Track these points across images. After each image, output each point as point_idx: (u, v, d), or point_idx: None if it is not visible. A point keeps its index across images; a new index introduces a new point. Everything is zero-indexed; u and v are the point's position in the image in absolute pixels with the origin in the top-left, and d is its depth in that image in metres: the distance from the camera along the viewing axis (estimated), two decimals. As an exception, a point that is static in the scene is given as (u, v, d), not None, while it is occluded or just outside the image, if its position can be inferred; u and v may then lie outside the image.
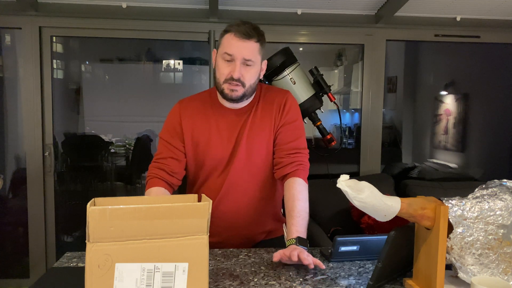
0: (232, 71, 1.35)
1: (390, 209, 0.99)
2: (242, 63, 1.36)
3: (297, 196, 1.36)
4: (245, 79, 1.37)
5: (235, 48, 1.34)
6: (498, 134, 3.56)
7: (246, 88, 1.39)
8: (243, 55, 1.35)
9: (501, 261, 1.04)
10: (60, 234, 2.99)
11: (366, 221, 2.51)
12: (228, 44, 1.36)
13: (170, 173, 1.43)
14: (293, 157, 1.43)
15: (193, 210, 0.87)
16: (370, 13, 2.93)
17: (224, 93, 1.39)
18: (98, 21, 2.78)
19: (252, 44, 1.36)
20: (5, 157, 3.07)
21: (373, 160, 3.12)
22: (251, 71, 1.38)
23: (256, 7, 2.82)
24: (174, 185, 1.45)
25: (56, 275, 1.15)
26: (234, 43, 1.35)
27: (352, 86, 3.49)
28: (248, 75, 1.37)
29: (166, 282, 0.86)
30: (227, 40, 1.36)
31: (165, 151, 1.45)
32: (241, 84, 1.37)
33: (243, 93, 1.39)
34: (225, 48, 1.36)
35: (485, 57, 3.54)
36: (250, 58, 1.36)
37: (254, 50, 1.37)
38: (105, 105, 3.45)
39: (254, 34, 1.36)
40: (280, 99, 1.47)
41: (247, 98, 1.44)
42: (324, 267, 1.18)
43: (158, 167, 1.43)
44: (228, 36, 1.37)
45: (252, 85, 1.40)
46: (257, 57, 1.39)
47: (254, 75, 1.40)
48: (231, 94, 1.38)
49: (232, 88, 1.37)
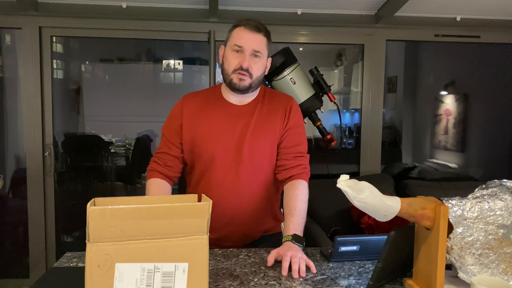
0: (241, 62, 1.42)
1: (390, 209, 0.99)
2: (251, 54, 1.42)
3: (300, 197, 1.40)
4: (253, 70, 1.43)
5: (245, 39, 1.41)
6: (498, 134, 3.56)
7: (253, 80, 1.44)
8: (252, 46, 1.41)
9: (501, 261, 1.04)
10: (60, 234, 2.99)
11: (366, 221, 2.51)
12: (238, 36, 1.43)
13: (167, 166, 1.50)
14: (299, 160, 1.47)
15: (193, 210, 0.87)
16: (370, 13, 2.93)
17: (232, 82, 1.44)
18: (98, 21, 2.78)
19: (261, 37, 1.43)
20: (5, 157, 3.07)
21: (373, 160, 3.12)
22: (259, 63, 1.44)
23: (256, 7, 2.82)
24: (172, 177, 1.52)
25: (56, 275, 1.15)
26: (244, 35, 1.42)
27: (352, 86, 3.49)
28: (256, 67, 1.44)
29: (166, 282, 0.86)
30: (237, 33, 1.43)
31: (163, 146, 1.52)
32: (249, 75, 1.42)
33: (250, 84, 1.44)
34: (235, 40, 1.43)
35: (485, 57, 3.54)
36: (259, 49, 1.43)
37: (263, 43, 1.44)
38: (105, 105, 3.45)
39: (262, 28, 1.44)
40: (286, 102, 1.53)
41: (252, 91, 1.48)
42: (315, 271, 1.18)
43: (155, 161, 1.51)
44: (238, 29, 1.44)
45: (258, 78, 1.46)
46: (265, 50, 1.46)
47: (261, 67, 1.46)
48: (239, 84, 1.43)
49: (241, 77, 1.42)
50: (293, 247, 1.24)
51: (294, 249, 1.22)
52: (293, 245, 1.25)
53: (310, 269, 1.18)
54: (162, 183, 1.48)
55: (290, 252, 1.20)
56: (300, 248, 1.26)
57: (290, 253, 1.19)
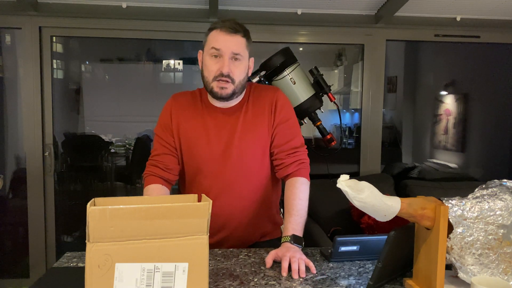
0: (221, 67, 1.34)
1: (390, 209, 0.99)
2: (231, 58, 1.34)
3: (298, 195, 1.36)
4: (235, 75, 1.35)
5: (222, 42, 1.33)
6: (498, 134, 3.56)
7: (236, 85, 1.37)
8: (231, 49, 1.33)
9: (501, 261, 1.04)
10: (60, 234, 2.99)
11: (366, 221, 2.51)
12: (214, 39, 1.35)
13: (165, 169, 1.43)
14: (293, 157, 1.42)
15: (193, 210, 0.87)
16: (370, 13, 2.93)
17: (213, 91, 1.37)
18: (98, 21, 2.78)
19: (239, 38, 1.35)
20: (5, 157, 3.08)
21: (373, 160, 3.12)
22: (240, 67, 1.36)
23: (256, 7, 2.82)
24: (170, 180, 1.45)
25: (56, 275, 1.15)
26: (221, 38, 1.34)
27: (352, 86, 3.49)
28: (237, 71, 1.36)
29: (166, 282, 0.86)
30: (213, 36, 1.36)
31: (159, 147, 1.45)
32: (231, 81, 1.35)
33: (232, 91, 1.36)
34: (212, 43, 1.35)
35: (485, 57, 3.54)
36: (238, 52, 1.35)
37: (242, 45, 1.36)
38: (105, 105, 3.45)
39: (239, 29, 1.36)
40: (271, 97, 1.45)
41: (236, 96, 1.42)
42: (315, 272, 1.18)
43: (153, 165, 1.43)
44: (214, 32, 1.36)
45: (241, 82, 1.38)
46: (245, 52, 1.38)
47: (243, 70, 1.39)
48: (221, 92, 1.36)
49: (222, 85, 1.35)
50: (292, 248, 1.23)
51: (293, 250, 1.21)
52: (292, 246, 1.24)
53: (309, 270, 1.18)
54: (163, 189, 1.41)
55: (289, 253, 1.19)
56: (299, 248, 1.25)
57: (289, 254, 1.18)
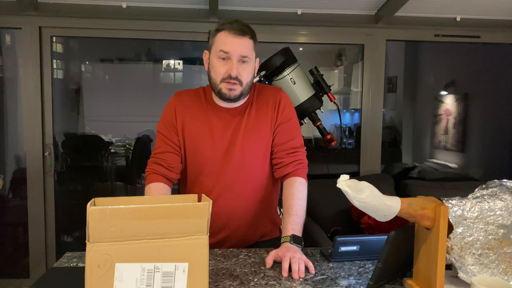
0: (229, 69, 1.34)
1: (390, 209, 0.99)
2: (239, 60, 1.34)
3: (296, 195, 1.37)
4: (242, 77, 1.36)
5: (231, 45, 1.33)
6: (498, 134, 3.56)
7: (244, 87, 1.37)
8: (239, 52, 1.33)
9: (501, 261, 1.04)
10: (60, 234, 2.99)
11: (366, 221, 2.51)
12: (223, 42, 1.34)
13: (168, 167, 1.42)
14: (292, 156, 1.43)
15: (193, 210, 0.87)
16: (370, 13, 2.93)
17: (221, 93, 1.37)
18: (98, 21, 2.78)
19: (247, 40, 1.35)
20: (5, 157, 3.07)
21: (373, 160, 3.12)
22: (247, 69, 1.37)
23: (256, 7, 2.82)
24: (172, 179, 1.44)
25: (56, 275, 1.15)
26: (229, 40, 1.33)
27: (352, 86, 3.49)
28: (245, 73, 1.36)
29: (166, 282, 0.86)
30: (221, 38, 1.35)
31: (162, 145, 1.44)
32: (239, 83, 1.35)
33: (240, 92, 1.37)
34: (220, 46, 1.34)
35: (485, 57, 3.54)
36: (246, 54, 1.35)
37: (250, 47, 1.36)
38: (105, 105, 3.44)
39: (247, 30, 1.36)
40: (274, 98, 1.46)
41: (244, 97, 1.42)
42: (314, 272, 1.18)
43: (155, 162, 1.42)
44: (222, 34, 1.35)
45: (248, 83, 1.39)
46: (252, 53, 1.38)
47: (251, 72, 1.39)
48: (229, 94, 1.36)
49: (230, 87, 1.35)
50: (292, 248, 1.23)
51: (293, 250, 1.21)
52: (291, 246, 1.24)
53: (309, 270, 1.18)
54: (165, 188, 1.40)
55: (289, 253, 1.19)
56: (299, 248, 1.25)
57: (289, 254, 1.18)
